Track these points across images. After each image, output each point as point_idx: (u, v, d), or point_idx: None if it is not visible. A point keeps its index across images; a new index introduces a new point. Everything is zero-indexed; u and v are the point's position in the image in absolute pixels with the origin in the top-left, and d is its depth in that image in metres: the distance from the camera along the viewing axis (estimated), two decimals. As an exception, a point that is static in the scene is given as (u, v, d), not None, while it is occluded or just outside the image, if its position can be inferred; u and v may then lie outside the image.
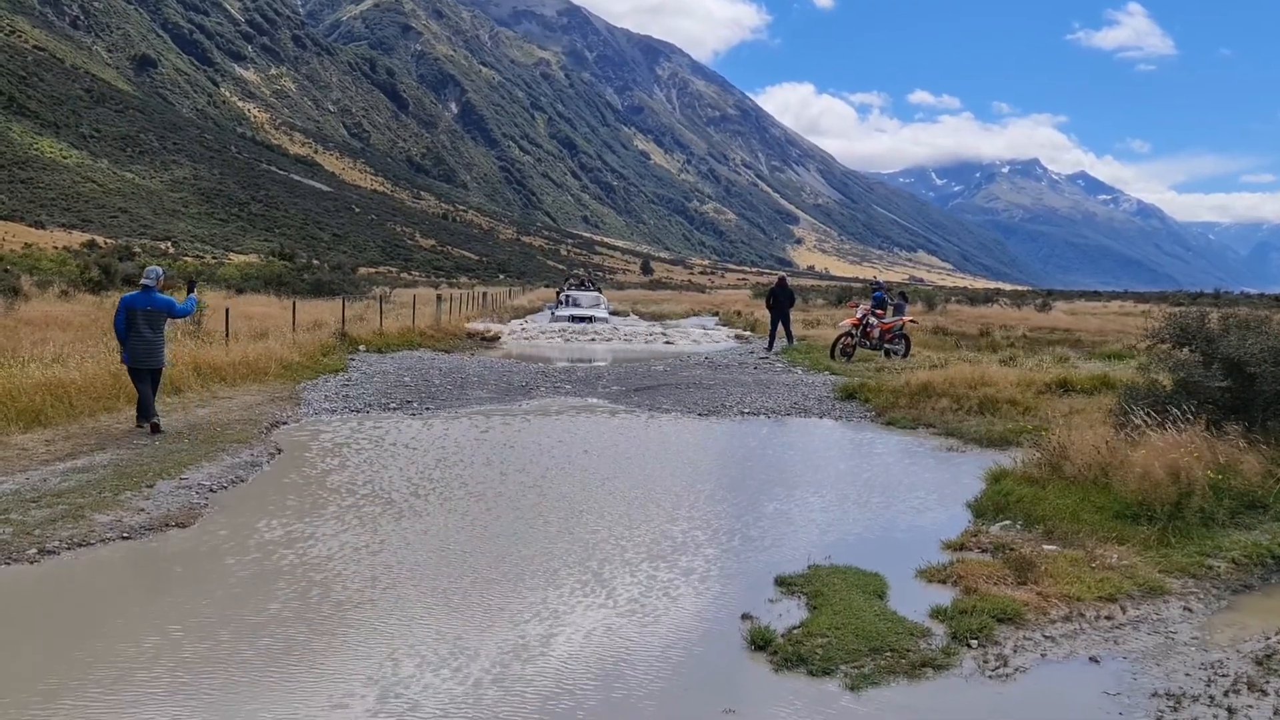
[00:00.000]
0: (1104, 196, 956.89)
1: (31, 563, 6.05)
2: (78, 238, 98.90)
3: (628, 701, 4.38)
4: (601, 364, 20.64)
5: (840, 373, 18.42)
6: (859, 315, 22.09)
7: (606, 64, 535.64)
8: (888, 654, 4.79)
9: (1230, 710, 4.21)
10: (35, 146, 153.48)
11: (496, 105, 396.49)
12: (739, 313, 46.49)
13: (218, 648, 4.86)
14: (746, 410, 13.74)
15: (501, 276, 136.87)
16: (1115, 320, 42.82)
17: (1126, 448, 7.95)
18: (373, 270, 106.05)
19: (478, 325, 29.80)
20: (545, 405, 13.82)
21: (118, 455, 9.10)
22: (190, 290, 12.27)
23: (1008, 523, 7.32)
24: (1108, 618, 5.40)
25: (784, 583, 5.94)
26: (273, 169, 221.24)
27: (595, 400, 14.49)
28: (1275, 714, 4.18)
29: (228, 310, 16.90)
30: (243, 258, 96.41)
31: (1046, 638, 5.12)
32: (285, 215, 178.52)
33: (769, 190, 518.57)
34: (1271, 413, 8.28)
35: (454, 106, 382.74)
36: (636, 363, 20.79)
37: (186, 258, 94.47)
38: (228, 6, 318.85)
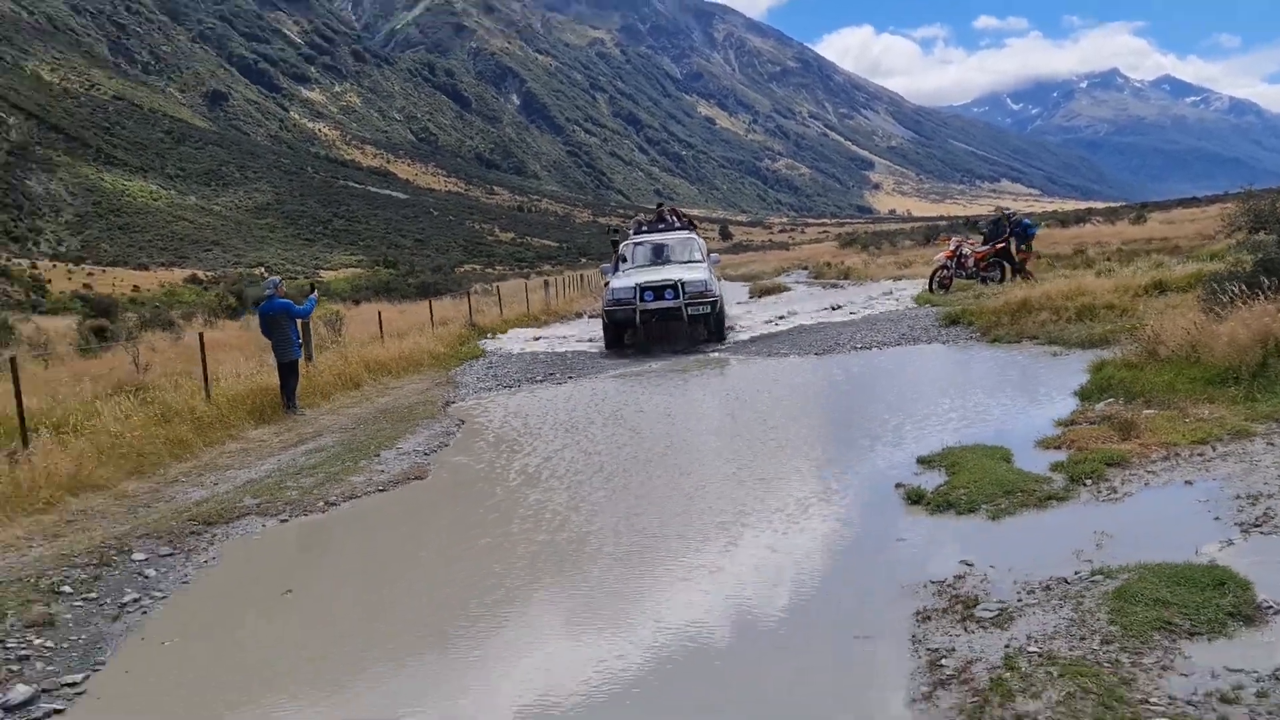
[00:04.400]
0: (1192, 98, 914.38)
1: (323, 512, 7.69)
2: (179, 274, 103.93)
3: (826, 541, 5.77)
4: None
5: (940, 303, 19.36)
6: (951, 247, 22.92)
7: (661, 34, 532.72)
8: (1018, 494, 6.05)
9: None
10: (127, 193, 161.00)
11: (557, 91, 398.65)
12: (829, 264, 47.12)
13: (525, 543, 6.40)
14: (859, 345, 14.91)
15: (583, 260, 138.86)
16: (1215, 223, 42.25)
17: (1214, 324, 8.97)
18: (461, 269, 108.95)
19: (583, 306, 31.44)
20: (672, 364, 15.20)
21: (336, 438, 10.80)
22: (311, 292, 14.31)
23: (1111, 400, 8.44)
24: (1199, 455, 6.54)
25: (925, 461, 7.23)
26: (349, 184, 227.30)
27: (716, 354, 15.80)
28: (1335, 497, 5.31)
29: (380, 314, 18.80)
30: (333, 273, 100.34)
31: (1149, 472, 6.30)
32: (367, 227, 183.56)
33: (840, 139, 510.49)
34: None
35: (515, 98, 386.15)
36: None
37: (225, 291, 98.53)
38: (287, 32, 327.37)
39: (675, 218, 21.18)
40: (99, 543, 6.84)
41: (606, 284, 18.08)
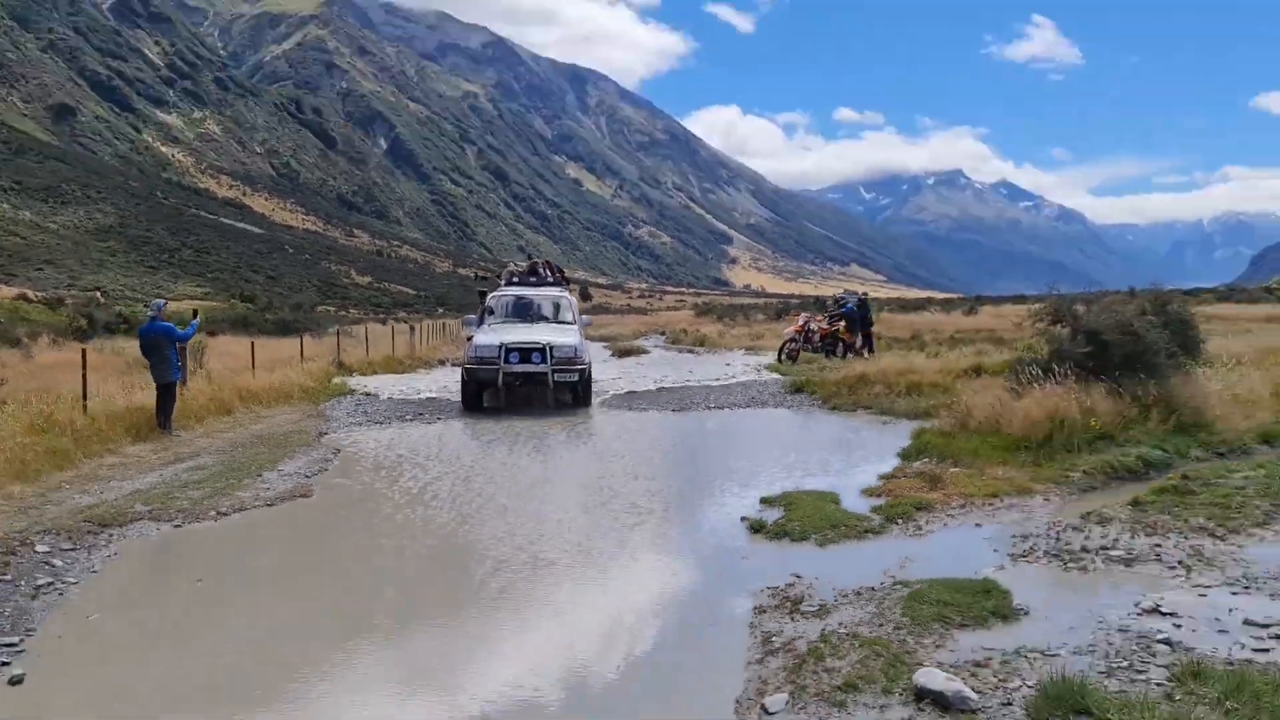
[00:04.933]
0: (1026, 204, 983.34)
1: (215, 520, 8.20)
2: (6, 291, 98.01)
3: (684, 557, 6.77)
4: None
5: (788, 373, 20.90)
6: (800, 323, 24.71)
7: (535, 94, 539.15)
8: (842, 528, 7.21)
9: (1057, 538, 6.68)
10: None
11: (426, 139, 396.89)
12: (685, 330, 48.95)
13: (393, 556, 7.13)
14: (711, 406, 16.15)
15: (441, 310, 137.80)
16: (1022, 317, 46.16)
17: (1014, 401, 10.52)
18: (317, 310, 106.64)
19: (445, 353, 31.97)
20: (537, 418, 16.02)
21: (216, 459, 11.19)
22: (194, 317, 14.76)
23: (926, 460, 9.81)
24: (990, 505, 7.88)
25: (766, 500, 8.36)
26: (201, 213, 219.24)
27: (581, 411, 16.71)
28: (1084, 538, 6.64)
29: (253, 344, 18.97)
30: (176, 304, 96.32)
31: (948, 516, 7.59)
32: (218, 259, 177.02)
33: (702, 212, 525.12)
34: (1123, 371, 10.90)
35: (383, 142, 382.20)
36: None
37: (118, 306, 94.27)
38: (147, 52, 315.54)
39: (549, 272, 20.68)
40: (6, 535, 7.20)
41: (469, 338, 17.16)
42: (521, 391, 16.37)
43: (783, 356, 23.86)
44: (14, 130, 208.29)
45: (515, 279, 19.99)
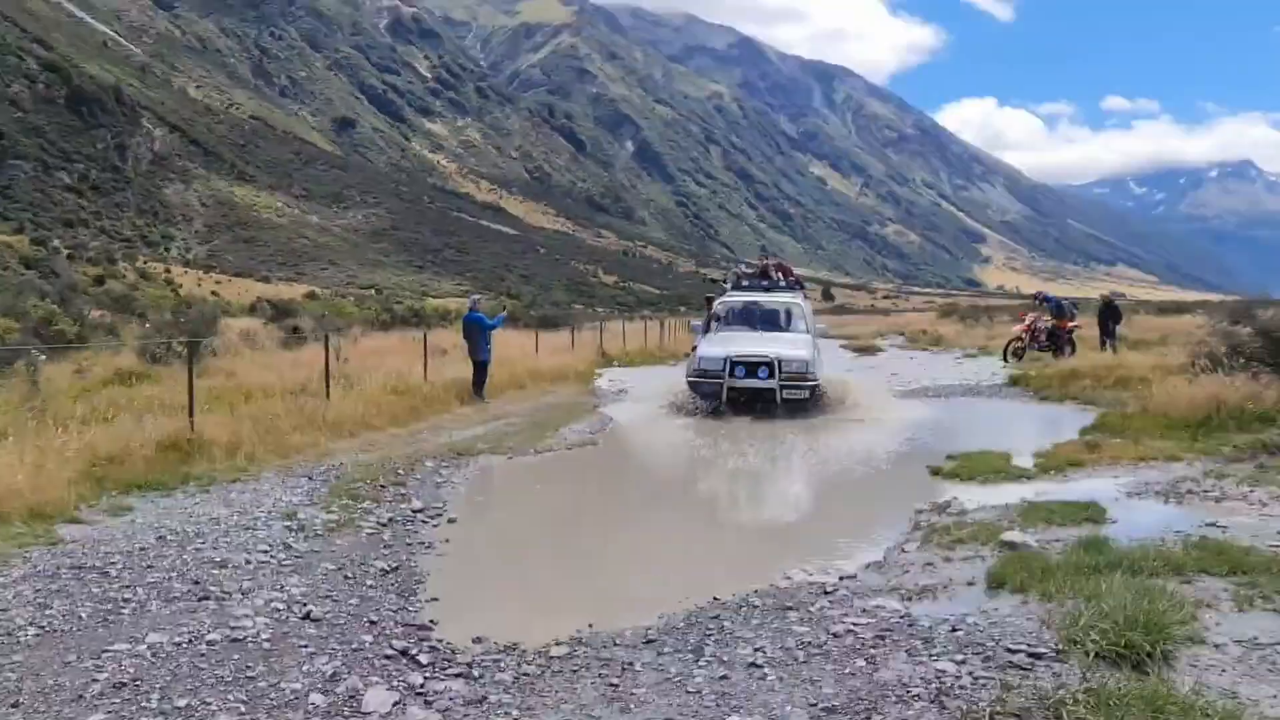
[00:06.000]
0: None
1: (534, 455, 11.38)
2: (299, 289, 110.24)
3: (883, 488, 9.24)
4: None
5: (1009, 369, 22.39)
6: (1028, 322, 25.87)
7: (780, 92, 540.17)
8: (1002, 474, 9.43)
9: (1173, 486, 8.57)
10: (254, 207, 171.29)
11: (671, 141, 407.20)
12: (924, 331, 49.94)
13: (662, 475, 10.01)
14: (929, 395, 18.17)
15: (683, 309, 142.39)
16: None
17: (1187, 388, 12.10)
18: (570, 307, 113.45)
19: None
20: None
21: (521, 419, 14.59)
22: (503, 311, 18.26)
23: (1097, 434, 11.62)
24: (1135, 466, 9.75)
25: (950, 457, 10.57)
26: (463, 215, 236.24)
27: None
28: (1195, 485, 8.50)
29: (537, 335, 22.73)
30: (438, 301, 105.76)
31: (1094, 471, 9.57)
32: (475, 259, 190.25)
33: (953, 209, 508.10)
34: (1297, 364, 12.18)
35: (630, 145, 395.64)
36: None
37: (396, 304, 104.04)
38: (417, 66, 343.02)
39: (781, 275, 19.50)
40: (402, 456, 10.64)
41: (694, 348, 16.86)
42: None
43: (1008, 354, 25.15)
44: (304, 142, 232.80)
45: (745, 282, 19.12)
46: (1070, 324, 24.89)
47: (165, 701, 3.90)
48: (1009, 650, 4.34)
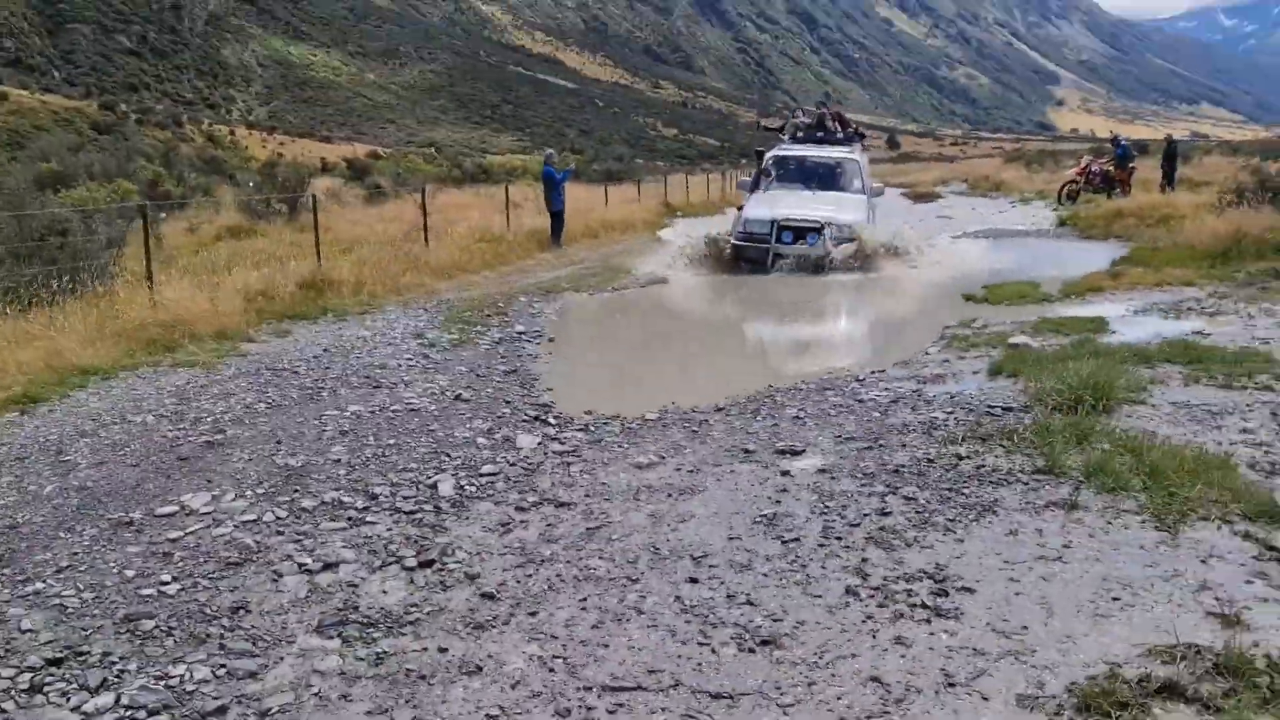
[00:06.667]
0: None
1: (610, 292, 12.85)
2: (360, 149, 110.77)
3: (923, 313, 10.60)
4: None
5: (1061, 210, 23.17)
6: (1083, 164, 26.36)
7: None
8: (1026, 298, 10.70)
9: (1176, 303, 9.76)
10: (311, 66, 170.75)
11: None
12: (986, 177, 49.86)
13: (723, 304, 11.45)
14: (978, 236, 19.15)
15: (744, 161, 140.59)
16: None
17: (1214, 221, 13.05)
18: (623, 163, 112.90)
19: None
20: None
21: (596, 263, 16.03)
22: (570, 164, 19.49)
23: (1123, 264, 12.71)
24: (1150, 289, 10.90)
25: (984, 286, 11.81)
26: (519, 69, 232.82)
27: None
28: (1196, 303, 9.67)
29: (606, 189, 23.98)
30: (499, 157, 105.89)
31: (1113, 295, 10.75)
32: (534, 114, 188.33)
33: (1025, 49, 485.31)
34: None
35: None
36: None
37: (473, 156, 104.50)
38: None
39: (839, 125, 18.47)
40: (498, 294, 12.18)
41: (740, 207, 15.93)
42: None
43: (1062, 197, 25.78)
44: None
45: (800, 133, 18.25)
46: (1127, 170, 25.35)
47: (379, 442, 5.52)
48: (988, 407, 5.79)
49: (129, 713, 2.79)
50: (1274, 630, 3.04)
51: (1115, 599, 3.32)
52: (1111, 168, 25.30)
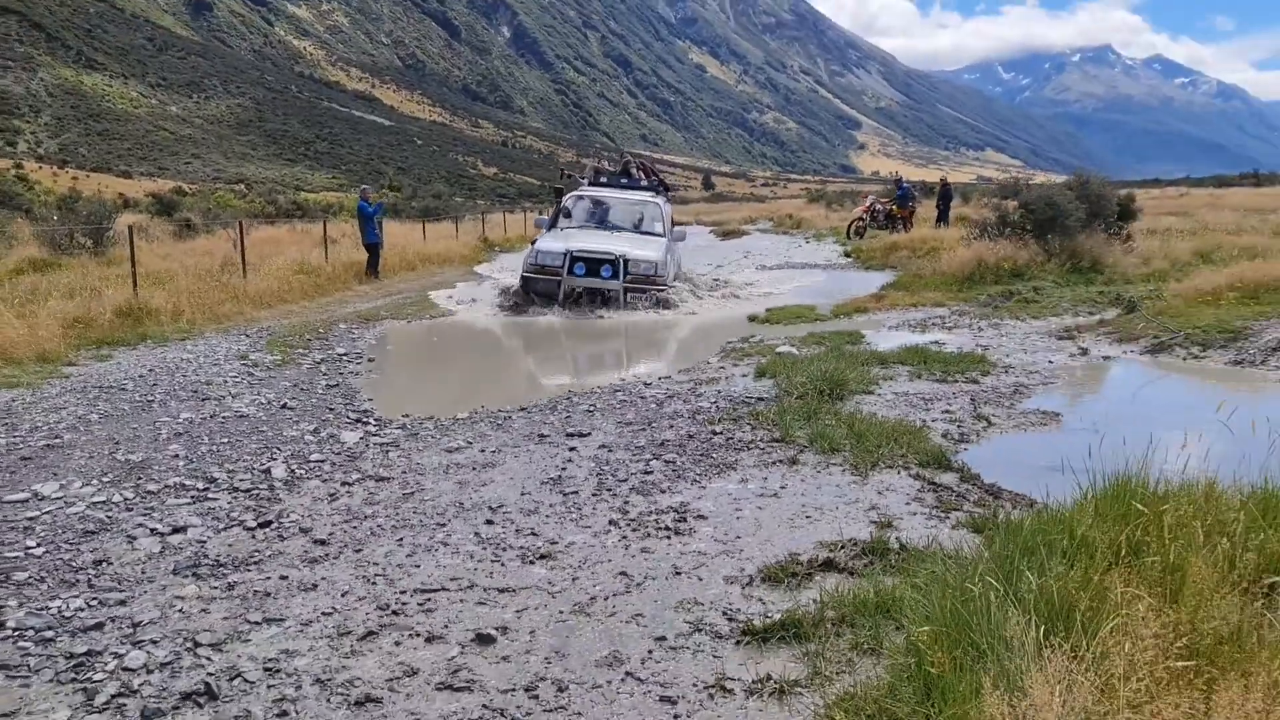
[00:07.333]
0: (1181, 80, 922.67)
1: (429, 319, 13.55)
2: (164, 184, 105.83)
3: (716, 330, 11.82)
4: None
5: (846, 245, 25.39)
6: (868, 204, 28.89)
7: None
8: (801, 319, 12.10)
9: (922, 320, 11.37)
10: (107, 97, 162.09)
11: (548, 27, 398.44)
12: (789, 216, 53.17)
13: (551, 341, 12.38)
14: (769, 266, 20.89)
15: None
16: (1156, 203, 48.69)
17: (964, 251, 15.00)
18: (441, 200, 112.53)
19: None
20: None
21: (414, 293, 16.66)
22: (381, 198, 20.15)
23: (888, 289, 14.45)
24: (907, 310, 12.56)
25: (768, 309, 13.22)
26: (334, 105, 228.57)
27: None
28: (937, 319, 11.30)
29: (424, 224, 24.49)
30: (313, 195, 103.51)
31: (875, 315, 12.33)
32: (350, 151, 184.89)
33: (829, 96, 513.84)
34: (1046, 232, 15.18)
35: (506, 31, 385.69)
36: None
37: (287, 194, 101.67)
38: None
39: (644, 175, 18.40)
40: (318, 321, 12.69)
41: (533, 242, 15.18)
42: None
43: (850, 233, 28.16)
44: (156, 27, 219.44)
45: (603, 179, 17.95)
46: (908, 209, 28.04)
47: (213, 441, 6.13)
48: (746, 398, 6.95)
49: (19, 633, 3.41)
50: (913, 530, 4.19)
51: (808, 518, 4.43)
52: (894, 207, 27.88)
